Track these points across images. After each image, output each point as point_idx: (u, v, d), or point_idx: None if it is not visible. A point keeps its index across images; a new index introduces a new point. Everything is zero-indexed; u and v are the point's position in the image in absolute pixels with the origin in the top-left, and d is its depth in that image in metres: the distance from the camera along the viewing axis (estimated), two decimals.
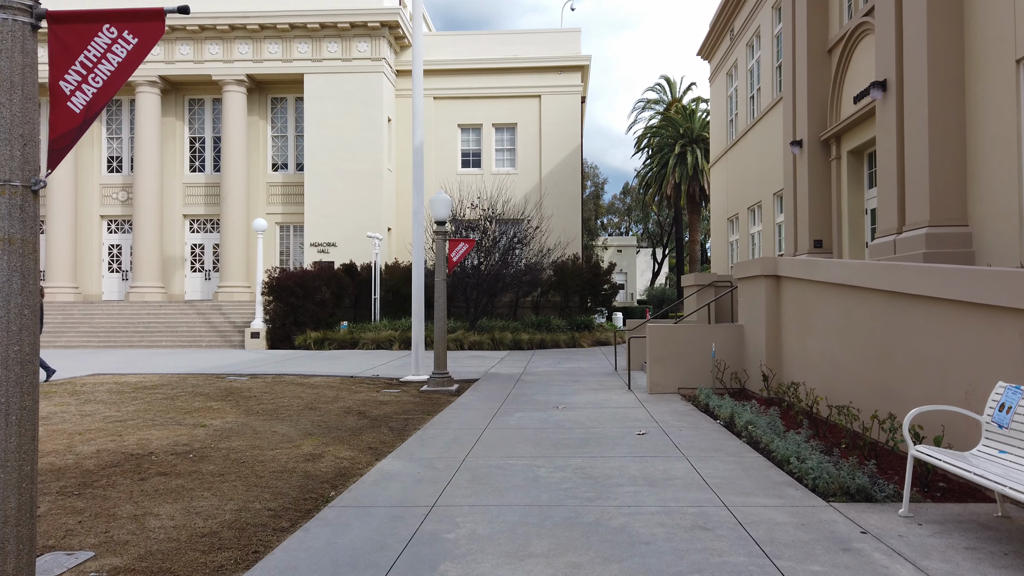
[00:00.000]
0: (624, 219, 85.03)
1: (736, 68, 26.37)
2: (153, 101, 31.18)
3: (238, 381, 15.37)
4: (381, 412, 11.22)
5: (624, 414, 10.71)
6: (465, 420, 10.33)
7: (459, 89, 32.73)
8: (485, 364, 19.39)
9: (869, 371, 8.29)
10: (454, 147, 33.04)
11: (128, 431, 9.53)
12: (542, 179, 32.56)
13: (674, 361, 13.01)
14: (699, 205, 47.96)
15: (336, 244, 30.71)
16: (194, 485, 6.72)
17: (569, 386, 14.31)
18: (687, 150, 46.46)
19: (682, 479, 6.71)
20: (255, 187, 32.39)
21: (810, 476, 6.28)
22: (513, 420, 10.27)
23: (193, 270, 33.09)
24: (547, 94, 32.53)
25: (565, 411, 11.07)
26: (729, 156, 27.31)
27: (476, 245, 26.30)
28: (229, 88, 30.97)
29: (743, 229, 25.22)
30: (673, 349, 13.02)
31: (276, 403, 12.11)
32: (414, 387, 14.55)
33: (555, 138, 32.54)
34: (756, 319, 12.11)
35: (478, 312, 26.63)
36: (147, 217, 30.94)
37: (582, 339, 26.64)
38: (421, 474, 7.05)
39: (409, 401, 12.47)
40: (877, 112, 13.41)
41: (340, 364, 19.35)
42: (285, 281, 25.16)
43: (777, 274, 11.61)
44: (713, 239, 30.17)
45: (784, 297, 11.46)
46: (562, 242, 31.04)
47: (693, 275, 18.11)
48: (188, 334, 26.83)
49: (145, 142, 30.98)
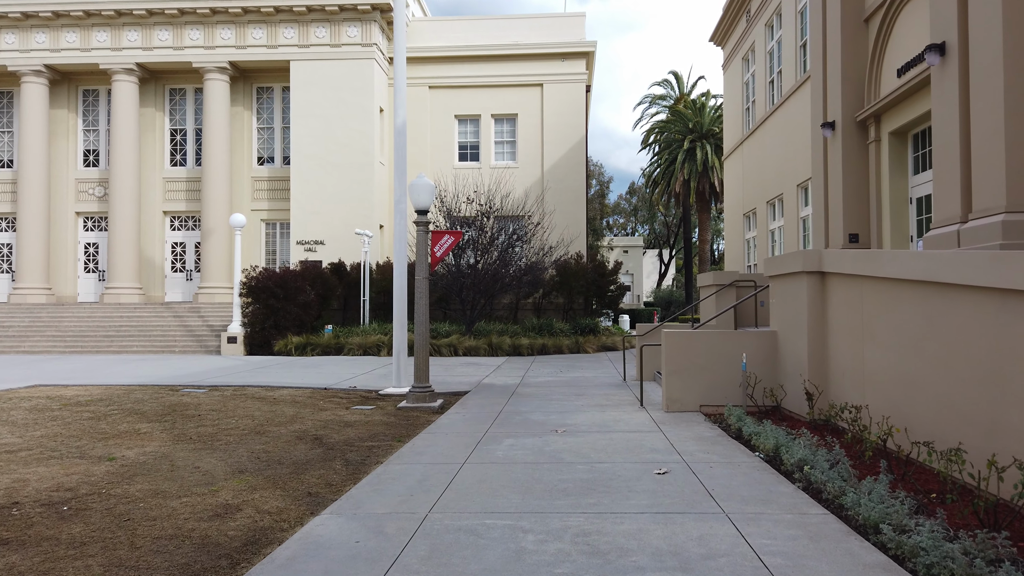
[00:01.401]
0: (630, 219, 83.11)
1: (753, 52, 24.37)
2: (130, 91, 29.27)
3: (192, 395, 13.40)
4: (342, 438, 9.24)
5: (638, 441, 8.72)
6: (441, 449, 8.34)
7: (456, 78, 30.74)
8: (479, 373, 17.41)
9: (965, 395, 6.28)
10: (451, 139, 31.06)
11: (11, 467, 7.57)
12: (544, 173, 30.55)
13: (695, 373, 11.00)
14: (709, 203, 45.97)
15: (324, 242, 28.76)
16: (28, 567, 4.73)
17: (571, 401, 12.31)
18: (696, 146, 44.50)
19: (728, 557, 4.71)
20: (239, 182, 30.44)
21: (921, 561, 4.26)
22: (500, 450, 8.28)
23: (174, 270, 31.16)
24: (550, 83, 30.50)
25: (565, 436, 9.08)
26: (745, 147, 25.30)
27: (473, 243, 24.33)
28: (211, 76, 29.04)
29: (761, 225, 23.19)
30: (694, 359, 11.01)
31: (219, 425, 10.13)
32: (392, 402, 12.57)
33: (558, 129, 30.53)
34: (795, 324, 10.10)
35: (475, 315, 24.65)
36: (123, 213, 29.03)
37: (587, 344, 24.64)
38: (360, 544, 5.06)
39: (380, 422, 10.49)
40: (933, 81, 11.38)
41: (317, 373, 17.38)
42: (265, 281, 23.21)
43: (822, 270, 9.60)
44: (727, 237, 28.16)
45: (832, 297, 9.46)
46: (565, 239, 29.00)
47: (711, 274, 16.10)
48: (162, 339, 24.91)
49: (122, 134, 29.07)
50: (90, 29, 29.21)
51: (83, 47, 29.27)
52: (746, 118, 25.65)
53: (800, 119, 19.52)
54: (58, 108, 30.89)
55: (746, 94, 25.60)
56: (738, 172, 26.43)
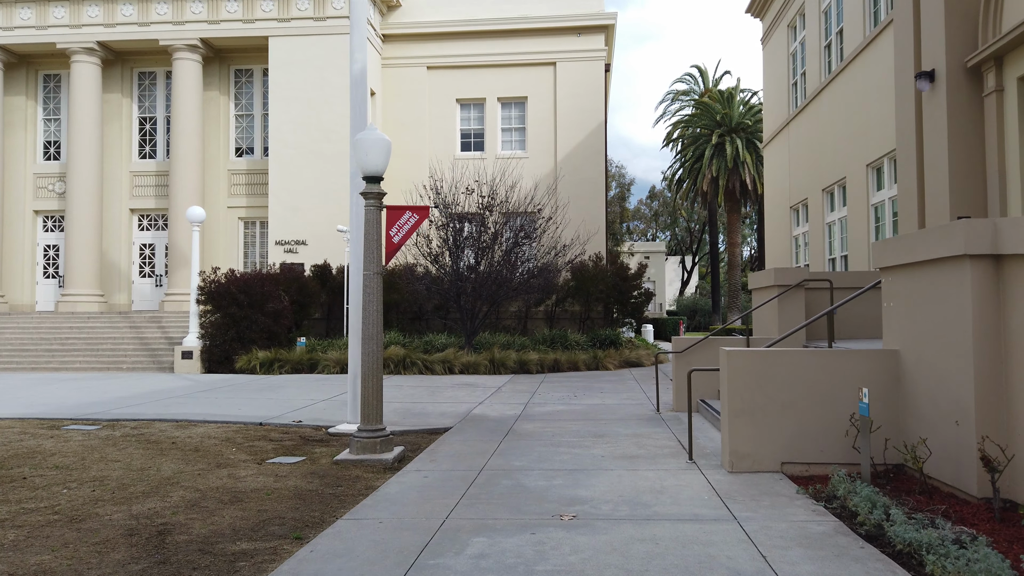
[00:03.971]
0: (651, 225, 79.31)
1: (803, 15, 20.62)
2: (91, 73, 25.96)
3: (67, 435, 9.82)
4: (206, 530, 5.59)
5: (700, 543, 5.01)
6: (355, 566, 4.67)
7: (457, 57, 27.15)
8: (472, 398, 13.74)
9: None
10: (451, 126, 27.45)
11: None
12: (557, 163, 26.83)
13: (775, 415, 7.26)
14: (739, 202, 42.09)
15: (307, 242, 25.22)
16: None
17: (588, 448, 8.60)
18: (725, 140, 40.72)
19: None
20: (214, 175, 27.00)
21: None
22: (458, 568, 4.60)
23: (142, 275, 27.73)
24: (564, 61, 26.81)
25: (576, 529, 5.39)
26: (792, 129, 21.53)
27: (474, 241, 20.66)
28: (181, 56, 25.64)
29: (816, 218, 19.38)
30: (773, 393, 7.27)
31: (38, 496, 6.52)
32: (333, 449, 8.92)
33: (573, 114, 26.82)
34: (942, 340, 6.34)
35: (476, 325, 20.98)
36: (83, 211, 25.66)
37: (607, 359, 20.86)
38: None
39: (293, 491, 6.83)
40: None
41: (267, 400, 13.78)
42: (227, 286, 19.64)
43: (999, 252, 5.86)
44: (769, 236, 24.34)
45: (1018, 296, 5.72)
46: (581, 237, 25.22)
47: (770, 272, 12.32)
48: (112, 353, 21.43)
49: (82, 122, 25.74)
50: (47, 5, 25.96)
51: (39, 25, 26.01)
52: (792, 95, 21.88)
53: (871, 82, 15.76)
54: (15, 95, 27.65)
55: (793, 67, 21.85)
56: (782, 159, 22.64)
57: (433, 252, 20.83)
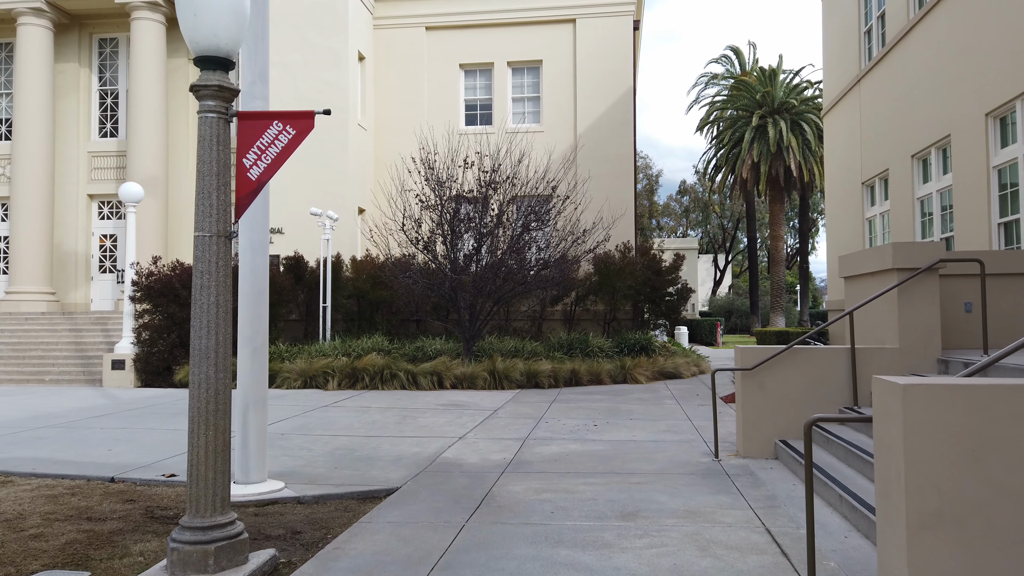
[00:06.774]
0: (681, 222, 74.80)
1: None
2: (42, 38, 22.51)
3: None
4: None
5: None
6: None
7: (460, 15, 23.29)
8: (451, 430, 9.90)
9: None
10: (455, 96, 23.59)
11: None
12: (577, 137, 22.85)
13: (1007, 523, 3.32)
14: (783, 191, 37.87)
15: (283, 231, 21.55)
16: None
17: (609, 552, 4.71)
18: (768, 121, 36.58)
19: None
20: (178, 153, 23.45)
21: None
22: None
23: (103, 269, 24.23)
24: (584, 17, 22.84)
25: None
26: (865, 87, 17.42)
27: (475, 225, 16.78)
28: (139, 15, 22.11)
29: (902, 191, 15.27)
30: (1001, 478, 3.34)
31: None
32: (160, 549, 5.11)
33: (596, 79, 22.82)
34: None
35: (477, 327, 17.09)
36: (31, 197, 22.21)
37: (637, 370, 16.86)
38: None
39: None
40: None
41: (164, 434, 10.06)
42: (167, 279, 15.97)
43: None
44: (830, 220, 20.22)
45: None
46: (604, 221, 21.21)
47: (886, 248, 8.24)
48: (39, 361, 17.90)
49: (29, 94, 22.29)
50: None
51: None
52: (864, 46, 17.78)
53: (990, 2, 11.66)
54: None
55: (865, 11, 17.74)
56: (850, 126, 18.52)
57: (423, 238, 17.01)
